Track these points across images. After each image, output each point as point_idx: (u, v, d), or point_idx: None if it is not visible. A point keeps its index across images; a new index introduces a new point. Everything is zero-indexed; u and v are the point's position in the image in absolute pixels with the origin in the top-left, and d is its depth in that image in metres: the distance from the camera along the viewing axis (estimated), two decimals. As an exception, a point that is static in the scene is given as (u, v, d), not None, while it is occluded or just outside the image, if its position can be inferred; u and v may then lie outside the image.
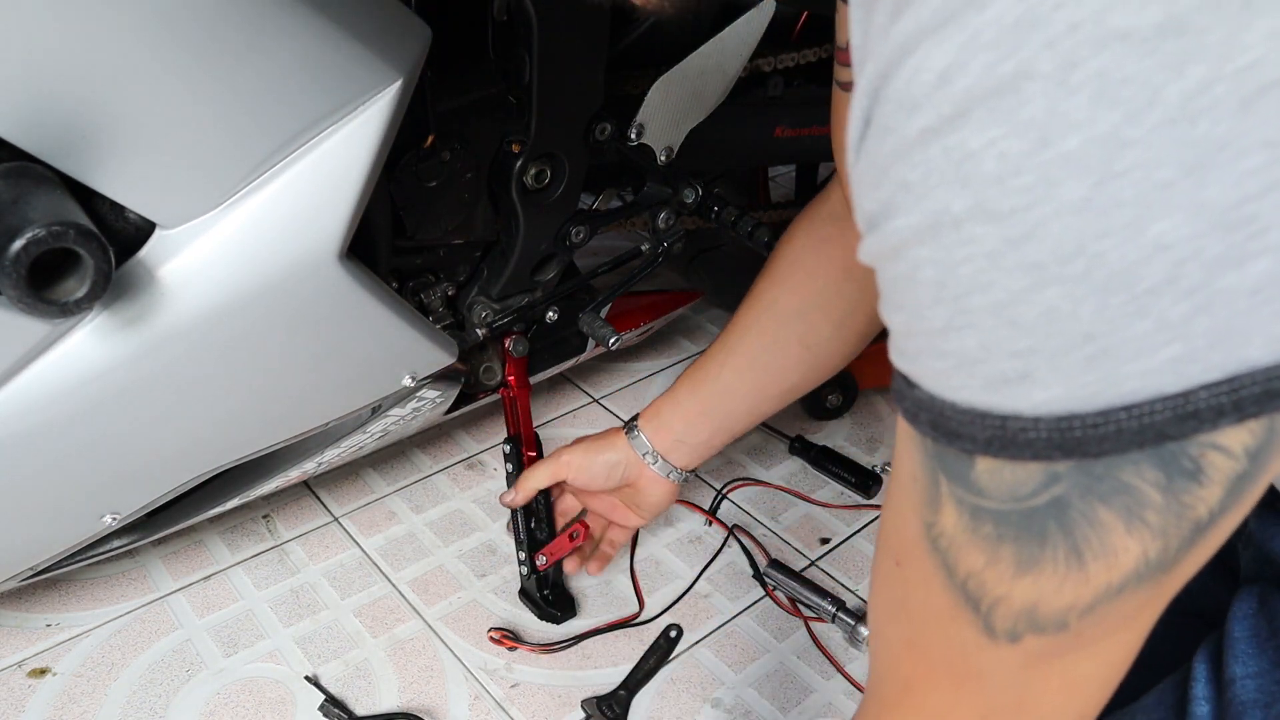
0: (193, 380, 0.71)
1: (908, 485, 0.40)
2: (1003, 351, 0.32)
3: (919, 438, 0.38)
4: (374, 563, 1.02)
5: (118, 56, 0.56)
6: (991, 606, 0.38)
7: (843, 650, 0.95)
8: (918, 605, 0.42)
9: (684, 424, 0.91)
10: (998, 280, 0.31)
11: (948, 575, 0.39)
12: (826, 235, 0.83)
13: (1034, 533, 0.36)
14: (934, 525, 0.39)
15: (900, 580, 0.43)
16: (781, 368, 0.87)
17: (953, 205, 0.31)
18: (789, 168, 1.73)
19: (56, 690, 0.86)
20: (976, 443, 0.34)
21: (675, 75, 0.89)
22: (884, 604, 0.46)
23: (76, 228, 0.54)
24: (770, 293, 0.87)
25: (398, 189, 0.81)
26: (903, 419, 0.39)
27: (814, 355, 0.86)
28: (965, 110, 0.30)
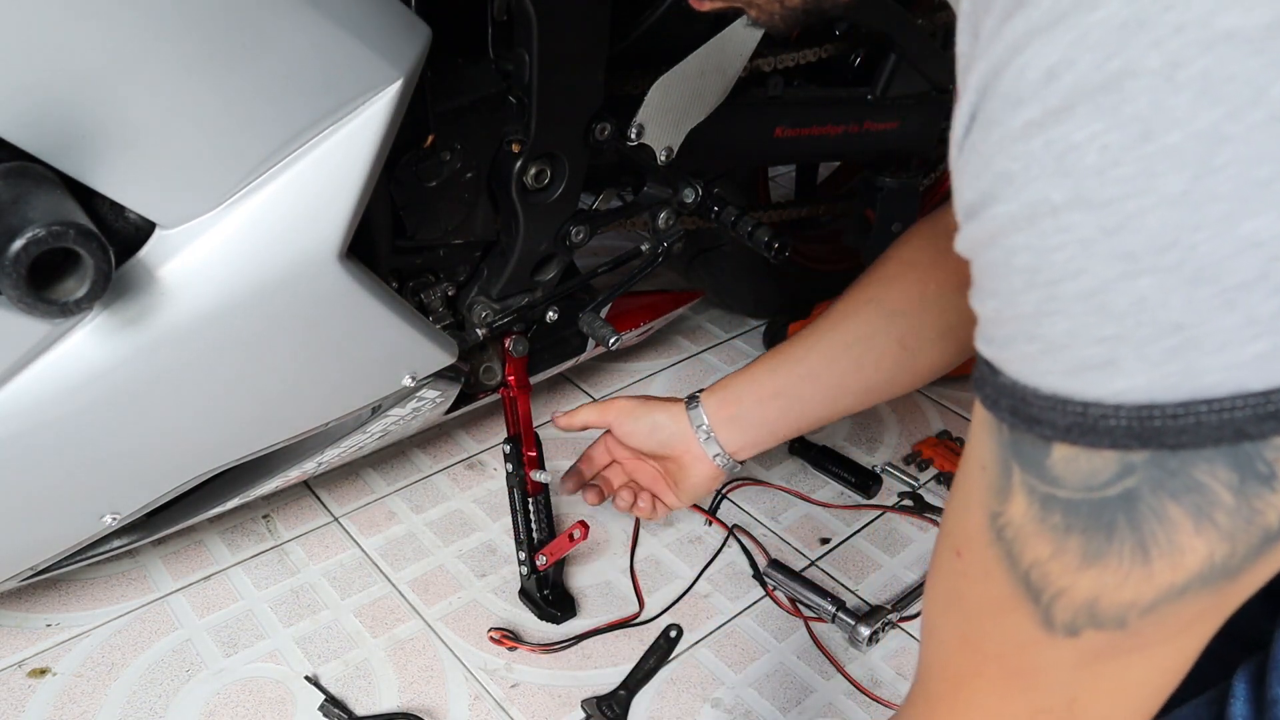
0: (193, 380, 0.71)
1: (976, 474, 0.41)
2: (1089, 338, 0.33)
3: (995, 425, 0.39)
4: (374, 563, 1.02)
5: (118, 56, 0.56)
6: (1053, 598, 0.38)
7: (843, 650, 0.95)
8: (976, 597, 0.42)
9: (754, 400, 0.88)
10: (1090, 267, 0.32)
11: (1010, 565, 0.40)
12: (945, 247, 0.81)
13: (1103, 525, 0.36)
14: (1000, 515, 0.39)
15: (959, 571, 0.43)
16: (874, 363, 0.85)
17: (1052, 194, 0.32)
18: (789, 168, 1.73)
19: (56, 690, 0.86)
20: (1056, 429, 0.35)
21: (675, 75, 0.89)
22: (940, 596, 0.46)
23: (76, 228, 0.54)
24: (876, 288, 0.86)
25: (398, 189, 0.81)
26: (981, 406, 0.39)
27: (910, 358, 0.85)
28: (1071, 105, 0.31)
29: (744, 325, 1.46)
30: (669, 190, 0.97)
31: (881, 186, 1.23)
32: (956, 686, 0.45)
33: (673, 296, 1.29)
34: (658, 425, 0.90)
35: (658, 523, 1.09)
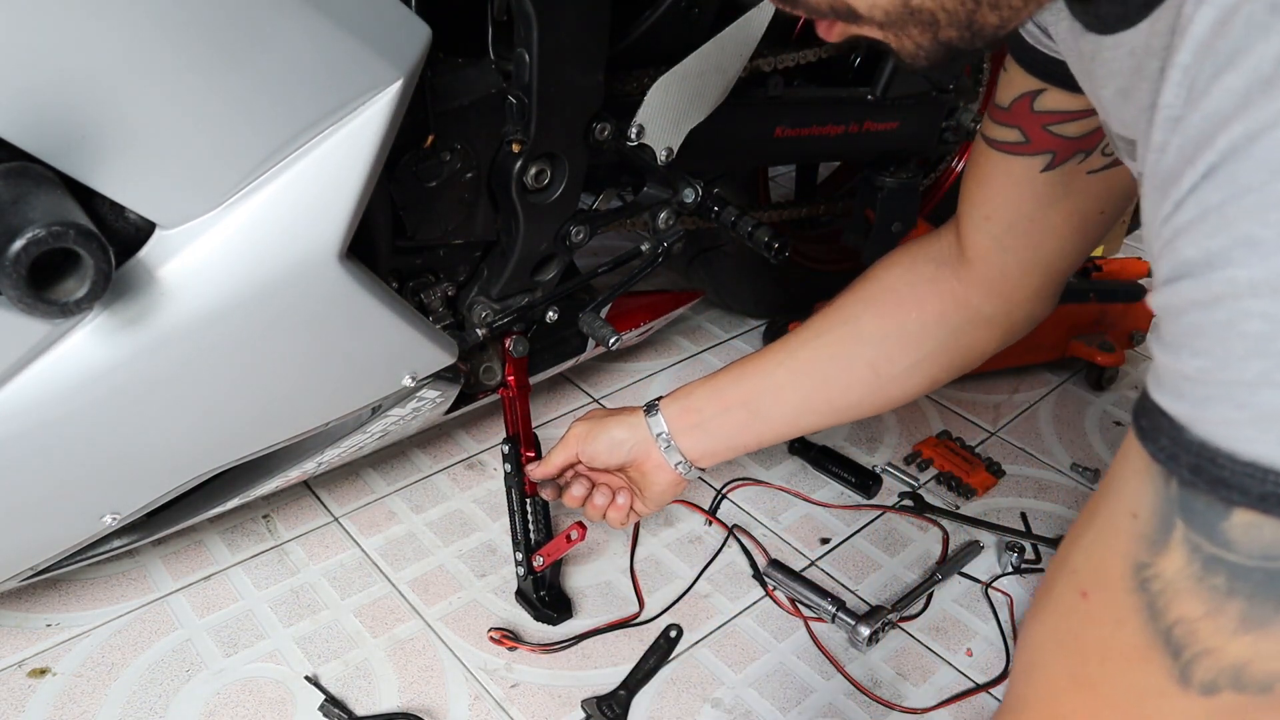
0: (193, 380, 0.71)
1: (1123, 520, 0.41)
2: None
3: (1161, 478, 0.38)
4: (374, 563, 1.02)
5: (118, 57, 0.56)
6: (1196, 656, 0.38)
7: (843, 650, 0.95)
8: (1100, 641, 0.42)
9: (716, 409, 0.87)
10: None
11: (1150, 617, 0.39)
12: (929, 275, 0.82)
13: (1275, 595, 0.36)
14: (1149, 566, 0.39)
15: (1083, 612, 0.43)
16: (843, 384, 0.85)
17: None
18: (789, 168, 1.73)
19: (56, 690, 0.86)
20: (1248, 496, 0.35)
21: (675, 75, 0.89)
22: (1053, 635, 0.45)
23: (76, 228, 0.54)
24: (853, 309, 0.85)
25: (398, 189, 0.81)
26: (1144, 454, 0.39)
27: (879, 383, 0.84)
28: None
29: (744, 325, 1.46)
30: (669, 190, 0.97)
31: (881, 186, 1.23)
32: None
33: (673, 296, 1.29)
34: (616, 441, 0.89)
35: (658, 523, 1.09)
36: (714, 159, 1.10)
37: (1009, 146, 0.72)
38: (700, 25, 0.93)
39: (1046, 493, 1.17)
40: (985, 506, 1.14)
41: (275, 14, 0.60)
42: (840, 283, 1.39)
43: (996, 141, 0.73)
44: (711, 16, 0.94)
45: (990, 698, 0.92)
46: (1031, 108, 0.69)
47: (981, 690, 0.92)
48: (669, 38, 0.92)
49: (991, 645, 0.97)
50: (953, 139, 1.29)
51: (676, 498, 1.09)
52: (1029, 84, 0.68)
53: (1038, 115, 0.69)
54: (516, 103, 0.82)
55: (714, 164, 1.12)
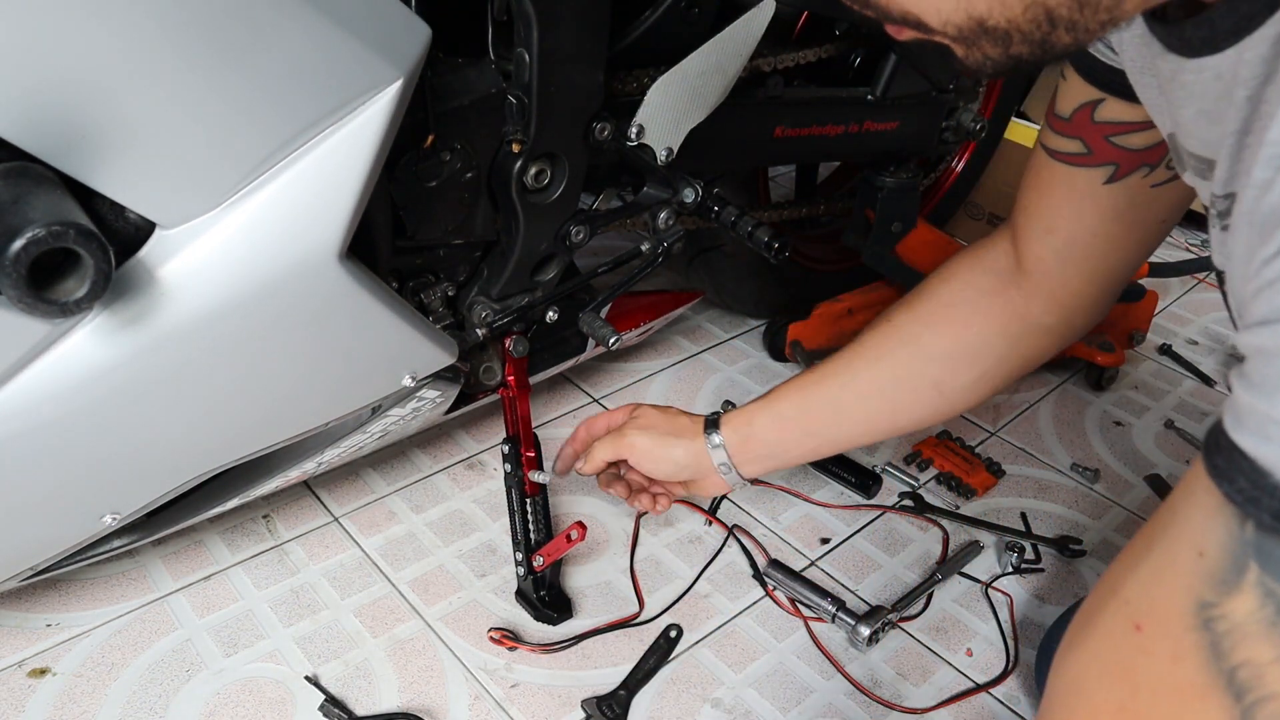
0: (193, 380, 0.71)
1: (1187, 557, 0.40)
2: None
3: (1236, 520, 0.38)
4: (374, 563, 1.02)
5: (118, 57, 0.56)
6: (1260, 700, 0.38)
7: (843, 650, 0.95)
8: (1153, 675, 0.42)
9: (780, 438, 0.89)
10: None
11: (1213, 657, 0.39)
12: (987, 287, 0.82)
13: None
14: (1214, 606, 0.39)
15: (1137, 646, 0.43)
16: (908, 404, 0.86)
17: None
18: (789, 168, 1.73)
19: (56, 690, 0.86)
20: None
21: (675, 75, 0.89)
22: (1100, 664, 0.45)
23: (76, 228, 0.54)
24: (912, 328, 0.85)
25: (398, 189, 0.81)
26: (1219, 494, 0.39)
27: (944, 400, 0.85)
28: None
29: (744, 325, 1.46)
30: (669, 190, 0.97)
31: (881, 186, 1.23)
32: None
33: (673, 296, 1.29)
34: (678, 464, 0.91)
35: (658, 522, 1.09)
36: (714, 159, 1.10)
37: (1071, 158, 0.71)
38: (700, 25, 0.93)
39: (1046, 493, 1.17)
40: (985, 506, 1.14)
41: (275, 14, 0.60)
42: (840, 283, 1.41)
43: (1058, 152, 0.72)
44: (711, 16, 0.94)
45: (990, 698, 0.92)
46: (1092, 118, 0.69)
47: (981, 690, 0.92)
48: (669, 38, 0.92)
49: (991, 645, 0.97)
50: (953, 139, 1.29)
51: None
52: (1089, 93, 0.68)
53: (1099, 126, 0.69)
54: (516, 103, 0.82)
55: (714, 164, 1.12)
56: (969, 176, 1.59)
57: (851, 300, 1.37)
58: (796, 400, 0.89)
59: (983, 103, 1.47)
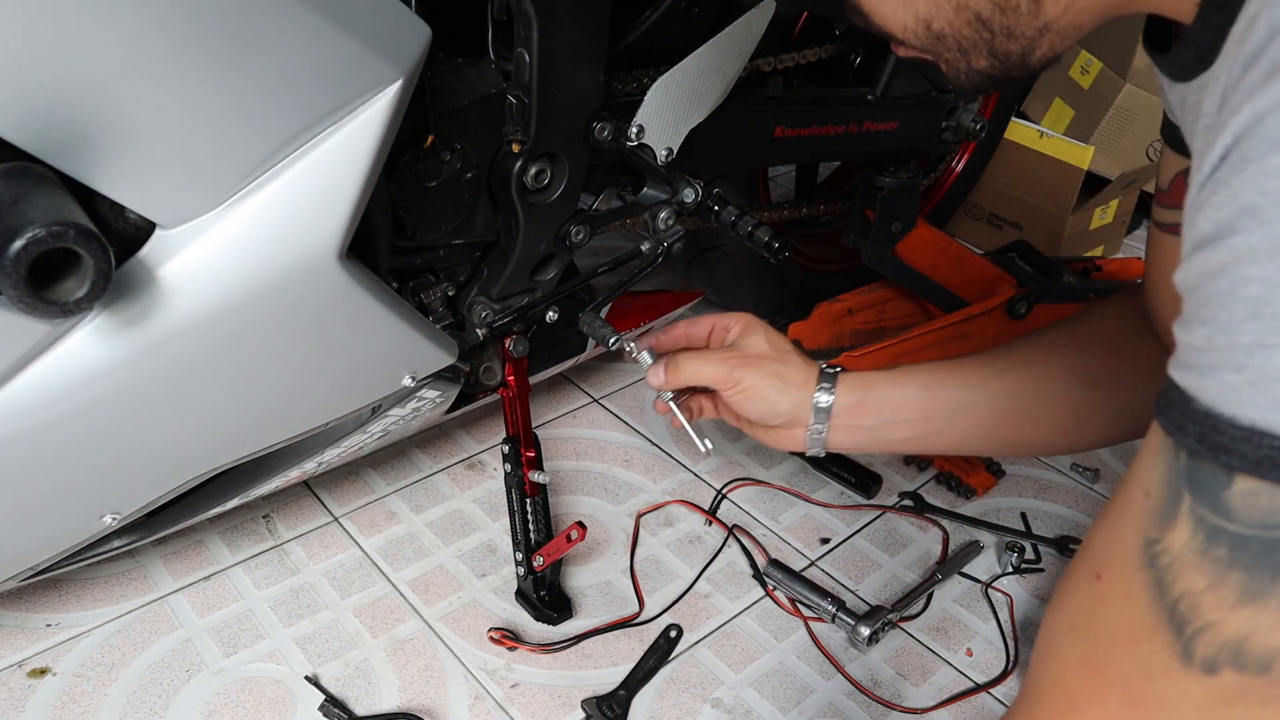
0: (193, 380, 0.71)
1: (1136, 499, 0.41)
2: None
3: (1172, 452, 0.39)
4: (374, 563, 1.02)
5: (118, 56, 0.56)
6: (1198, 631, 0.38)
7: (843, 650, 0.95)
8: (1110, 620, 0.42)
9: (894, 414, 0.81)
10: None
11: (1158, 593, 0.40)
12: (1141, 330, 0.78)
13: (1271, 565, 0.36)
14: (1157, 542, 0.40)
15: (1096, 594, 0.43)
16: (1040, 420, 0.80)
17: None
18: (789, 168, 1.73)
19: (56, 690, 0.86)
20: (1246, 461, 0.35)
21: (675, 75, 0.89)
22: (1067, 616, 0.46)
23: (76, 228, 0.54)
24: (1068, 346, 0.80)
25: (398, 189, 0.81)
26: (1160, 431, 0.40)
27: (1076, 428, 0.79)
28: None
29: (744, 325, 1.46)
30: (669, 190, 0.97)
31: (881, 186, 1.23)
32: (1068, 708, 0.45)
33: (673, 296, 1.29)
34: (776, 410, 0.81)
35: (658, 522, 1.09)
36: (714, 159, 1.10)
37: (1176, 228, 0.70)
38: (700, 25, 0.93)
39: (1046, 493, 1.17)
40: (985, 506, 1.14)
41: (275, 14, 0.60)
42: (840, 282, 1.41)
43: (1165, 224, 0.71)
44: (711, 16, 0.94)
45: (990, 698, 0.92)
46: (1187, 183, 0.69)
47: (981, 690, 0.92)
48: (669, 38, 0.92)
49: (991, 645, 0.97)
50: (953, 139, 1.29)
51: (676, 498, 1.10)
52: (1180, 163, 0.68)
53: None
54: (516, 103, 0.82)
55: (714, 164, 1.12)
56: (969, 176, 1.59)
57: (851, 300, 1.37)
58: (925, 380, 0.81)
59: (983, 103, 1.47)
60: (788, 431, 0.83)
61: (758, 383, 0.80)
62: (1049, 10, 0.45)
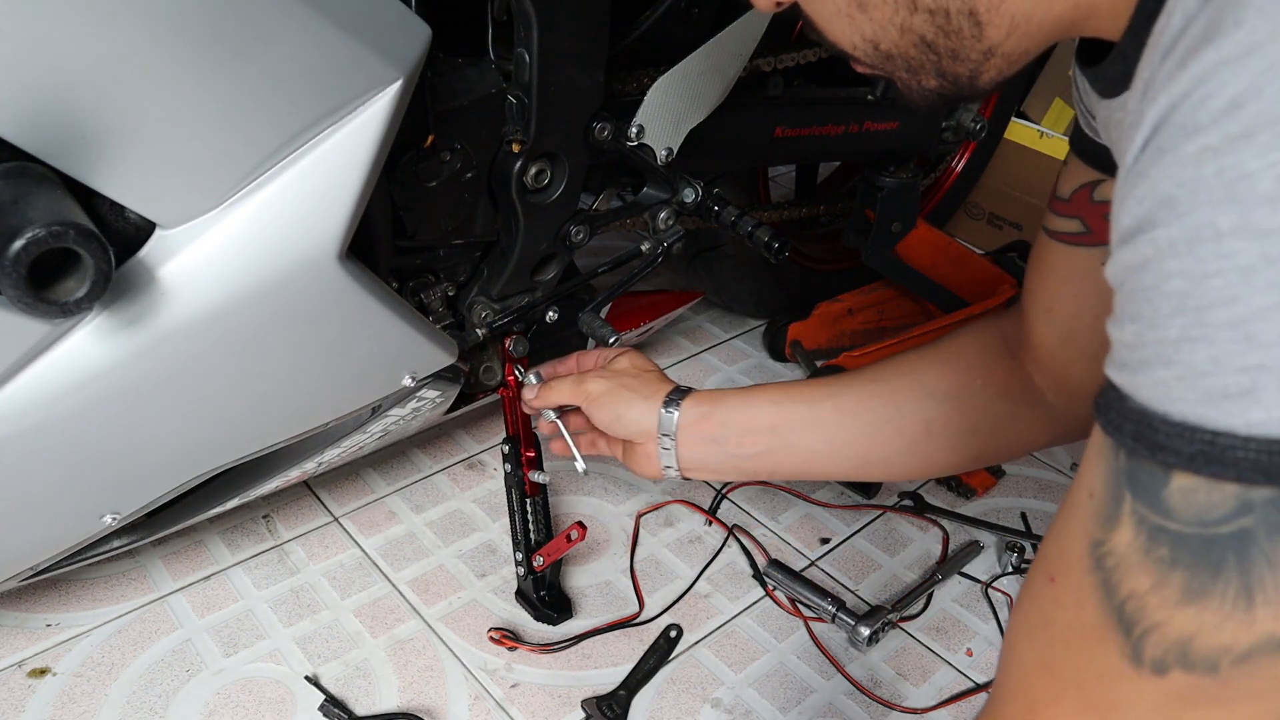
0: (193, 380, 0.71)
1: (1082, 501, 0.41)
2: (1232, 366, 0.33)
3: (1112, 452, 0.39)
4: (374, 563, 1.02)
5: (118, 56, 0.56)
6: (1145, 632, 0.38)
7: (843, 650, 0.95)
8: (1065, 623, 0.42)
9: (741, 428, 0.81)
10: (1244, 295, 0.32)
11: (1106, 595, 0.39)
12: (998, 350, 0.79)
13: (1210, 562, 0.36)
14: (1103, 543, 0.39)
15: (1051, 597, 0.43)
16: (890, 436, 0.78)
17: (1218, 220, 0.32)
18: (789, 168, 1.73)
19: (56, 690, 0.86)
20: (1181, 457, 0.35)
21: (675, 75, 0.89)
22: (1026, 621, 0.46)
23: (76, 228, 0.54)
24: (917, 364, 0.80)
25: (398, 189, 0.81)
26: (1100, 431, 0.39)
27: (928, 444, 0.78)
28: (1251, 133, 0.32)
29: (744, 325, 1.46)
30: (669, 190, 0.97)
31: (881, 186, 1.23)
32: (1030, 712, 0.45)
33: (673, 296, 1.29)
34: (623, 420, 0.83)
35: (658, 522, 1.09)
36: (714, 159, 1.10)
37: (1070, 237, 0.71)
38: (700, 25, 0.93)
39: (1046, 493, 1.17)
40: (985, 506, 1.14)
41: (275, 14, 0.60)
42: (840, 283, 1.41)
43: (1057, 233, 0.72)
44: (711, 16, 0.94)
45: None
46: (1091, 197, 0.69)
47: (981, 690, 0.92)
48: (669, 38, 0.92)
49: (991, 645, 0.97)
50: (953, 139, 1.29)
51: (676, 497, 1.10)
52: (1087, 174, 0.69)
53: (1097, 205, 0.69)
54: (516, 103, 0.82)
55: (714, 164, 1.12)
56: (969, 176, 1.60)
57: (851, 300, 1.37)
58: (774, 394, 0.81)
59: (983, 103, 1.47)
60: (643, 448, 0.84)
61: (605, 393, 0.83)
62: (992, 35, 0.46)
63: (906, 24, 0.46)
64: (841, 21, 0.48)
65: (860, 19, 0.47)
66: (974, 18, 0.45)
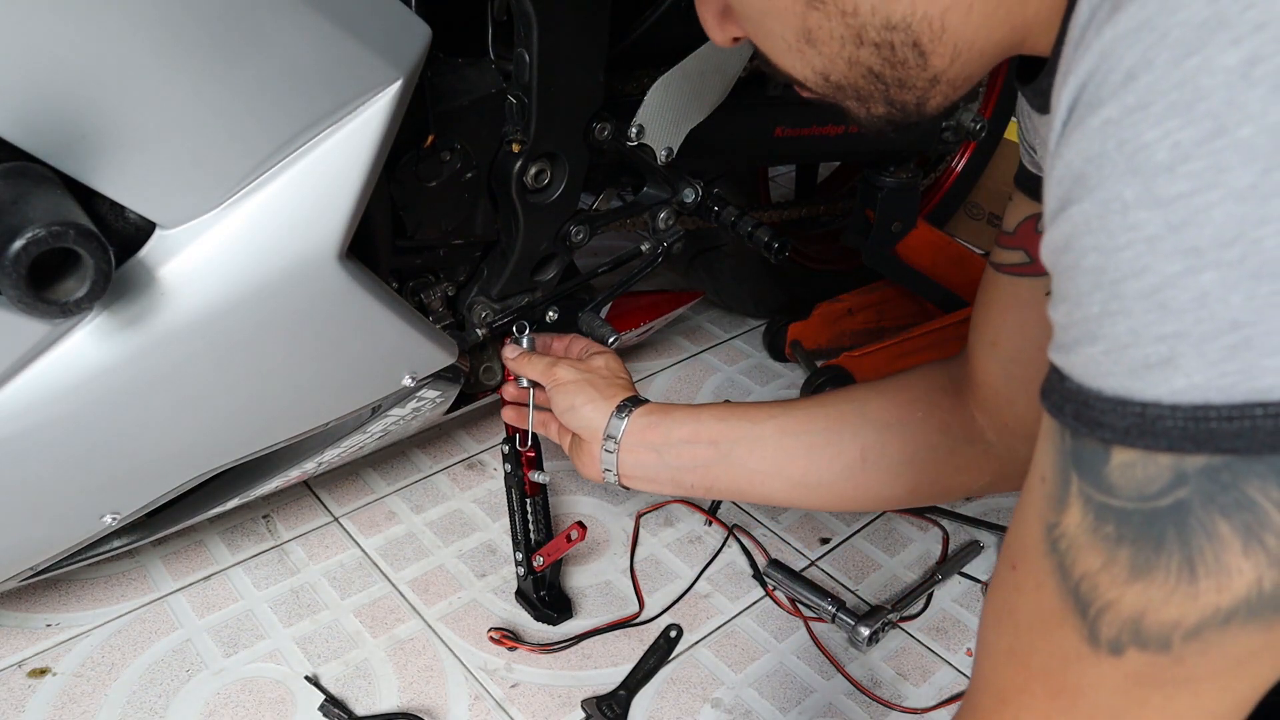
0: (193, 380, 0.71)
1: (1035, 487, 0.41)
2: (1150, 336, 0.33)
3: (1057, 435, 0.39)
4: (374, 563, 1.02)
5: (118, 56, 0.56)
6: (1100, 612, 0.38)
7: (843, 650, 0.95)
8: (1026, 610, 0.42)
9: (683, 437, 0.82)
10: (1153, 265, 0.32)
11: (1062, 577, 0.40)
12: (944, 386, 0.79)
13: (1152, 536, 0.36)
14: (1056, 526, 0.39)
15: (1013, 584, 0.43)
16: (826, 458, 0.79)
17: (1124, 192, 0.33)
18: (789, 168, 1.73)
19: (56, 690, 0.86)
20: (1116, 431, 0.35)
21: (675, 75, 0.89)
22: (994, 610, 0.46)
23: (76, 228, 0.54)
24: (861, 393, 0.81)
25: (398, 189, 0.81)
26: (1047, 415, 0.40)
27: (863, 471, 0.79)
28: (1146, 104, 0.32)
29: (744, 325, 1.46)
30: (669, 190, 0.97)
31: (881, 186, 1.23)
32: (1002, 702, 0.45)
33: (673, 296, 1.29)
34: (577, 414, 0.85)
35: (658, 522, 1.09)
36: (714, 159, 1.09)
37: (1014, 268, 0.71)
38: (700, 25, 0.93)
39: (1046, 493, 1.17)
40: (985, 506, 1.14)
41: (275, 14, 0.60)
42: (840, 283, 1.41)
43: (1002, 265, 0.72)
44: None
45: (990, 698, 0.92)
46: (1036, 228, 0.70)
47: (981, 690, 0.92)
48: (669, 38, 0.92)
49: (991, 645, 0.97)
50: (953, 139, 1.29)
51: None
52: (1031, 208, 0.70)
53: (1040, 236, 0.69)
54: (516, 103, 0.82)
55: (714, 164, 1.12)
56: (969, 176, 1.59)
57: (851, 300, 1.37)
58: (720, 412, 0.83)
59: (983, 103, 1.47)
60: (588, 446, 0.86)
61: (570, 382, 0.86)
62: (936, 64, 0.46)
63: (854, 57, 0.47)
64: (792, 56, 0.49)
65: (810, 53, 0.48)
66: (918, 48, 0.46)
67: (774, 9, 0.47)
